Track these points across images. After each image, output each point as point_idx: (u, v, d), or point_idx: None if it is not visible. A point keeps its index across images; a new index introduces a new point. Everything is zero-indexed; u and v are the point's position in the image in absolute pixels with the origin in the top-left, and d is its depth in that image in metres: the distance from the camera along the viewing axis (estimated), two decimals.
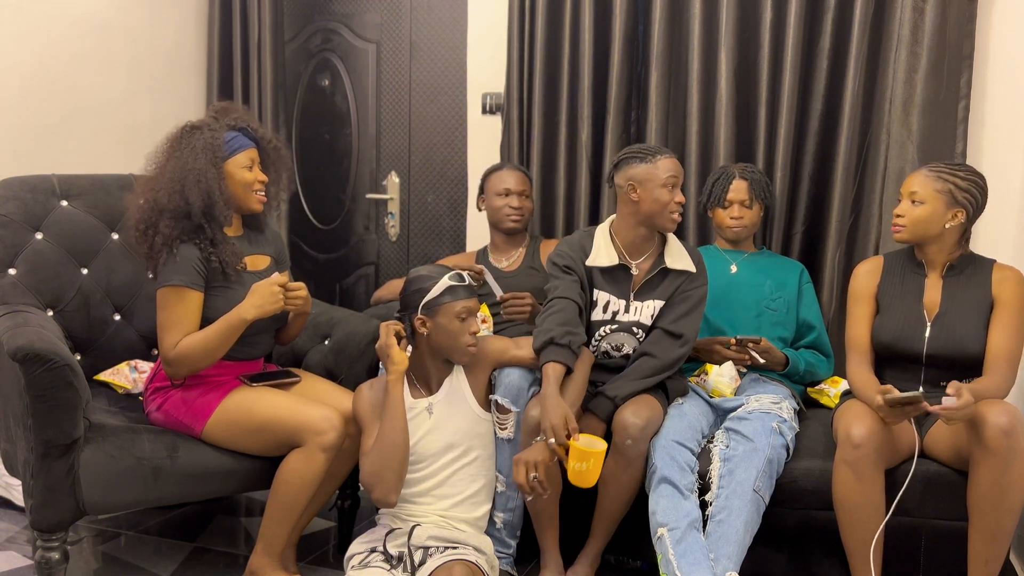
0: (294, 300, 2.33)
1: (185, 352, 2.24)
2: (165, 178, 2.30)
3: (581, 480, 2.12)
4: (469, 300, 2.22)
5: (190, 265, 2.27)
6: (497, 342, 2.40)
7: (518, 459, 2.14)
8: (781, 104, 2.95)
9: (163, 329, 2.27)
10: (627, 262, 2.47)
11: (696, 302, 2.44)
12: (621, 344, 2.47)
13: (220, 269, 2.31)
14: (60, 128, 3.29)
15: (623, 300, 2.46)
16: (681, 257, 2.46)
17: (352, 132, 3.91)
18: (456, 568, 2.08)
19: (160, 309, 2.28)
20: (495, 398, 2.31)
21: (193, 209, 2.27)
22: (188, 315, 2.27)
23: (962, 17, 2.76)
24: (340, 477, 2.39)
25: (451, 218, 3.74)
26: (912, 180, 2.36)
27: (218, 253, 2.31)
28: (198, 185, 2.27)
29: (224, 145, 2.34)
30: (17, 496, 2.80)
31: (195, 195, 2.26)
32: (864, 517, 2.17)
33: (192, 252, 2.28)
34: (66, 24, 3.29)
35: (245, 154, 2.37)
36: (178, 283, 2.26)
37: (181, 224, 2.29)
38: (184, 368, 2.26)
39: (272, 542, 2.26)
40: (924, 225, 2.33)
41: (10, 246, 2.53)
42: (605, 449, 2.13)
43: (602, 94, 3.18)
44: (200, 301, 2.30)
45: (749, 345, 2.53)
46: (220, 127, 2.37)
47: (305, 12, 3.95)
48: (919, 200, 2.32)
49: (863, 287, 2.47)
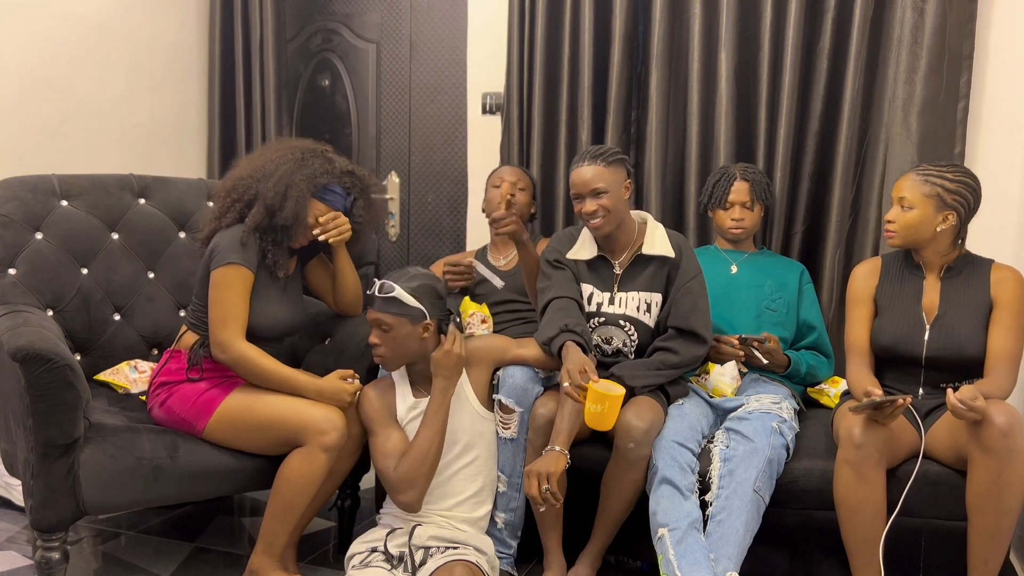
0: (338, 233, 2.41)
1: (244, 360, 2.27)
2: (276, 175, 2.36)
3: (598, 422, 2.11)
4: (371, 313, 2.25)
5: (251, 250, 2.32)
6: (498, 341, 2.40)
7: (529, 470, 2.13)
8: (781, 104, 2.96)
9: (223, 312, 2.28)
10: (607, 255, 2.49)
11: (697, 295, 2.43)
12: (610, 337, 2.47)
13: (271, 269, 2.36)
14: (60, 128, 3.29)
15: (607, 292, 2.47)
16: (660, 244, 2.46)
17: (352, 132, 3.91)
18: (457, 569, 2.08)
19: (218, 288, 2.29)
20: (498, 398, 2.31)
21: (279, 216, 2.33)
22: (244, 300, 2.30)
23: (962, 17, 2.76)
24: (340, 477, 2.40)
25: (451, 218, 3.74)
26: (901, 184, 2.35)
27: (275, 255, 2.35)
28: (296, 203, 2.33)
29: (325, 188, 2.40)
30: (17, 496, 2.80)
31: (289, 208, 2.33)
32: (865, 517, 2.16)
33: (251, 239, 2.33)
34: (66, 25, 3.29)
35: (327, 208, 2.42)
36: (239, 261, 2.29)
37: (265, 219, 2.34)
38: (231, 364, 2.29)
39: (272, 542, 2.26)
40: (915, 230, 2.32)
41: (10, 246, 2.53)
42: (623, 394, 2.12)
43: (602, 94, 3.18)
44: (251, 284, 2.33)
45: (754, 345, 2.52)
46: (337, 175, 2.42)
47: (305, 12, 3.95)
48: (908, 205, 2.31)
49: (861, 289, 2.46)
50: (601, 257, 2.49)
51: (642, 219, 2.54)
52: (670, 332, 2.42)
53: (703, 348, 2.42)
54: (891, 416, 2.13)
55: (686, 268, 2.44)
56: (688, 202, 3.11)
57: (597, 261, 2.50)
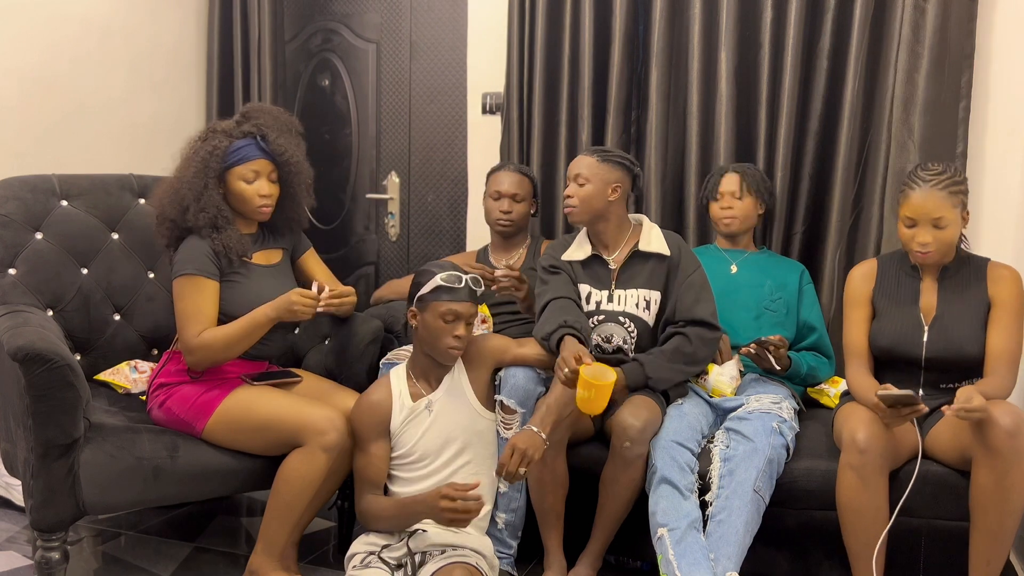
0: (342, 307, 2.39)
1: (208, 343, 2.27)
2: (173, 185, 2.37)
3: (587, 407, 2.12)
4: (458, 303, 2.19)
5: (202, 254, 2.32)
6: (498, 340, 2.40)
7: (515, 444, 2.11)
8: (781, 104, 2.95)
9: (183, 319, 2.30)
10: (602, 253, 2.50)
11: (700, 287, 2.44)
12: (610, 335, 2.47)
13: (227, 257, 2.35)
14: (60, 128, 3.29)
15: (604, 291, 2.48)
16: (656, 241, 2.48)
17: (352, 132, 3.91)
18: (456, 571, 2.08)
19: (177, 299, 2.32)
20: (500, 398, 2.31)
21: (189, 217, 2.34)
22: (206, 304, 2.31)
23: (963, 16, 2.76)
24: (340, 477, 2.39)
25: (451, 218, 3.74)
26: (929, 206, 2.21)
27: (222, 239, 2.34)
28: (196, 201, 2.33)
29: (228, 155, 2.36)
30: (17, 496, 2.80)
31: (192, 207, 2.33)
32: (867, 520, 2.16)
33: (201, 243, 2.33)
34: (66, 25, 3.29)
35: (247, 166, 2.38)
36: (192, 271, 2.30)
37: (197, 220, 2.34)
38: (206, 359, 2.29)
39: (272, 542, 2.26)
40: (950, 244, 2.29)
41: (10, 246, 2.53)
42: (612, 382, 2.12)
43: (602, 94, 3.18)
44: (216, 290, 2.33)
45: (769, 348, 2.51)
46: (235, 134, 2.38)
47: (305, 12, 3.95)
48: (945, 224, 2.23)
49: (859, 291, 2.45)
50: (596, 256, 2.50)
51: (638, 220, 2.57)
52: (680, 323, 2.42)
53: (715, 334, 2.42)
54: (903, 420, 2.12)
55: (685, 264, 2.45)
56: (688, 202, 3.10)
57: (592, 260, 2.51)
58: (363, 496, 2.24)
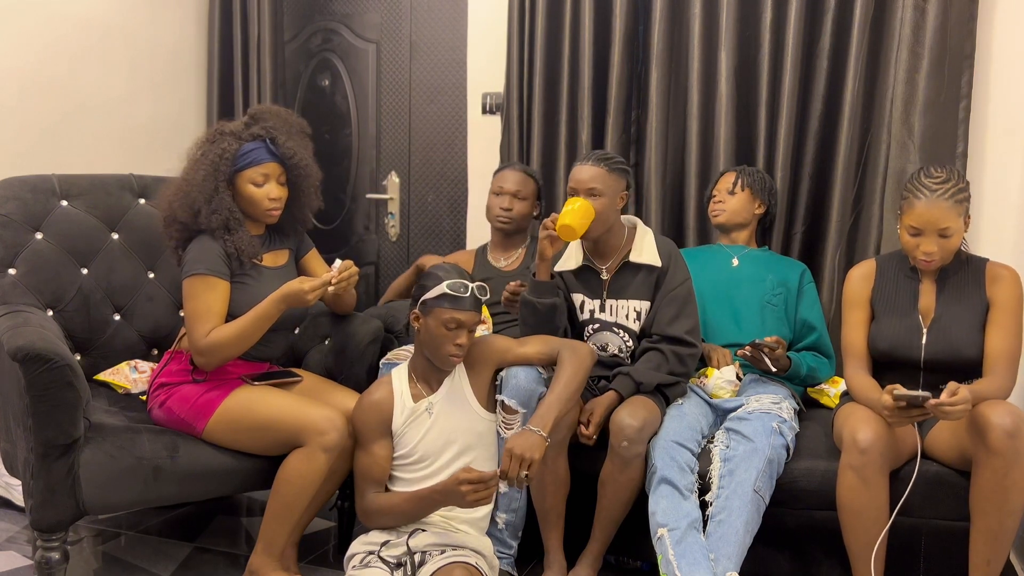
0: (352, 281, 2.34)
1: (218, 341, 2.26)
2: (181, 187, 2.36)
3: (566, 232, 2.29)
4: (462, 312, 2.17)
5: (214, 254, 2.32)
6: (499, 341, 2.40)
7: (512, 449, 2.09)
8: (781, 104, 2.95)
9: (192, 319, 2.29)
10: (592, 264, 2.49)
11: (683, 302, 2.42)
12: (606, 344, 2.47)
13: (238, 259, 2.35)
14: (60, 128, 3.29)
15: (597, 300, 2.48)
16: (648, 251, 2.45)
17: (352, 132, 3.91)
18: (456, 571, 2.07)
19: (187, 299, 2.31)
20: (502, 399, 2.30)
21: (201, 220, 2.33)
22: (216, 304, 2.30)
23: (963, 16, 2.76)
24: (340, 477, 2.39)
25: (451, 218, 3.74)
26: (937, 216, 2.19)
27: (234, 241, 2.34)
28: (208, 204, 2.32)
29: (238, 158, 2.36)
30: (17, 496, 2.80)
31: (204, 209, 2.32)
32: (868, 521, 2.16)
33: (213, 243, 2.33)
34: (66, 25, 3.29)
35: (257, 169, 2.37)
36: (204, 271, 2.30)
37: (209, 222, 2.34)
38: (216, 358, 2.29)
39: (272, 542, 2.26)
40: (954, 251, 2.29)
41: (10, 246, 2.53)
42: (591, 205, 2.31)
43: (602, 94, 3.18)
44: (227, 291, 2.33)
45: (764, 351, 2.51)
46: (244, 136, 2.38)
47: (305, 12, 3.95)
48: (950, 233, 2.22)
49: (857, 293, 2.44)
50: (587, 266, 2.49)
51: (631, 224, 2.52)
52: (654, 337, 2.42)
53: (691, 350, 2.41)
54: (908, 421, 2.12)
55: (672, 275, 2.43)
56: (688, 202, 3.10)
57: (584, 270, 2.49)
58: (366, 494, 2.24)
